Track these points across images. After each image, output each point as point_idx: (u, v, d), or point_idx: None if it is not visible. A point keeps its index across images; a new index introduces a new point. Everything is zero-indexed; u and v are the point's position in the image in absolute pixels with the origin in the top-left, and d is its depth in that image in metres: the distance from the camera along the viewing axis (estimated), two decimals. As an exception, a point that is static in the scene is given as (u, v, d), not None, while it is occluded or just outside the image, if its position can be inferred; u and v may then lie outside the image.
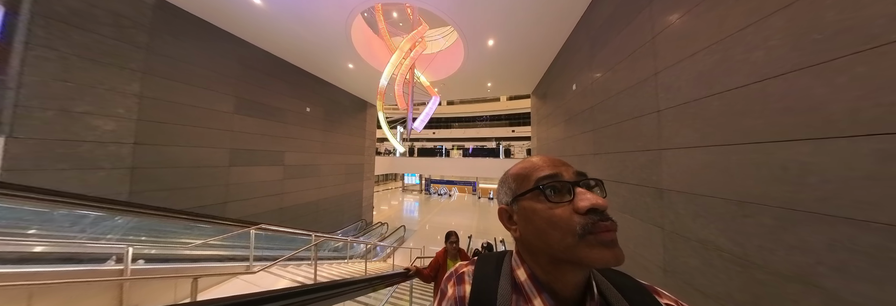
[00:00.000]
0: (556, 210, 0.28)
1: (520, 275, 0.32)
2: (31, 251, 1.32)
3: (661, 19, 1.50)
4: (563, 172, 0.30)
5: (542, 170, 0.31)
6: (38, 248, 1.33)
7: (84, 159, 2.20)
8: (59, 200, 1.36)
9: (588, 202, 0.27)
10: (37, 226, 1.45)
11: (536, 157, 0.34)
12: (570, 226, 0.27)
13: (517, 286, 0.32)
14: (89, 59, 2.22)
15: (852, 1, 0.69)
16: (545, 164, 0.32)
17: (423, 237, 7.99)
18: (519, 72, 4.71)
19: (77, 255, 1.42)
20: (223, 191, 3.38)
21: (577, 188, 0.29)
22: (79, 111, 2.17)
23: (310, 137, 5.03)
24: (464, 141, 17.97)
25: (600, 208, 0.27)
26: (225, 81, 3.40)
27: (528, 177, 0.32)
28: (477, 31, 3.31)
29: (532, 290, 0.30)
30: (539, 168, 0.32)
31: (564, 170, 0.31)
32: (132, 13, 2.48)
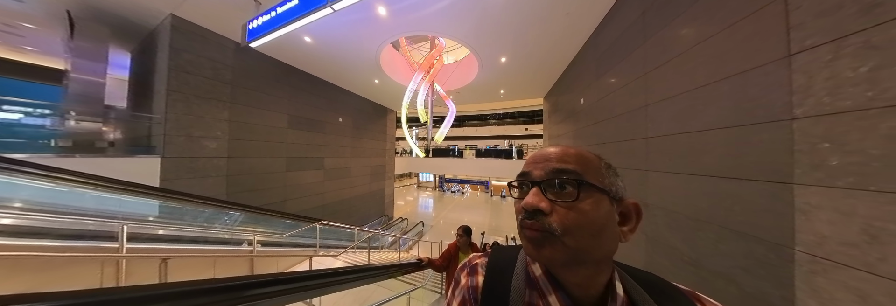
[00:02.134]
0: (517, 205, 0.29)
1: (535, 270, 0.31)
2: (191, 235, 2.06)
3: (652, 59, 1.77)
4: (534, 170, 0.29)
5: (525, 165, 0.31)
6: (196, 233, 2.07)
7: (199, 170, 3.03)
8: (190, 199, 2.06)
9: (522, 202, 0.27)
10: (191, 218, 2.21)
11: (544, 149, 0.33)
12: (518, 220, 0.28)
13: (532, 280, 0.31)
14: (199, 96, 3.00)
15: (770, 84, 0.99)
16: (531, 160, 0.31)
17: (439, 232, 8.65)
18: (531, 81, 4.93)
19: (226, 240, 2.17)
20: (282, 192, 4.22)
21: (533, 188, 0.28)
22: (196, 135, 2.98)
23: (342, 144, 5.78)
24: (476, 139, 17.99)
25: (527, 208, 0.27)
26: (281, 102, 4.15)
27: (523, 168, 0.31)
28: (490, 52, 3.65)
29: (547, 286, 0.29)
30: (527, 163, 0.31)
31: (542, 166, 0.29)
32: (221, 57, 3.22)
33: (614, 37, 2.35)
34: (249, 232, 2.27)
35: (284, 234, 2.61)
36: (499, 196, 15.24)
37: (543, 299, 0.29)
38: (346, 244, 3.50)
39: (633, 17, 2.05)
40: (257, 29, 2.35)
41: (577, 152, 0.30)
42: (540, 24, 2.79)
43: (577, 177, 0.27)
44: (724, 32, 1.21)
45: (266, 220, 2.81)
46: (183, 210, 2.14)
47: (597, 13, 2.54)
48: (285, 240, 2.66)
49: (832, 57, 0.80)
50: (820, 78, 0.83)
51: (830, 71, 0.80)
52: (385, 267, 1.39)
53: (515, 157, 9.28)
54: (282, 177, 4.20)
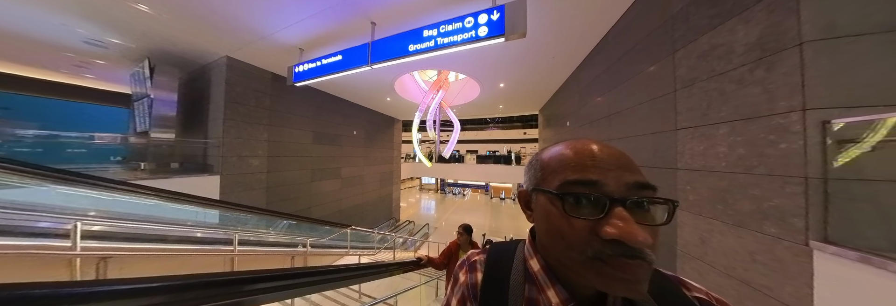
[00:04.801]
0: (571, 220, 0.22)
1: (533, 265, 0.29)
2: (258, 239, 2.62)
3: (614, 105, 2.35)
4: (605, 180, 0.22)
5: (575, 168, 0.24)
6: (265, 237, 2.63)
7: (247, 184, 3.59)
8: (245, 209, 2.62)
9: (616, 232, 0.20)
10: (251, 226, 2.76)
11: (583, 144, 0.26)
12: (580, 245, 0.22)
13: (530, 276, 0.29)
14: (246, 122, 3.56)
15: (669, 144, 1.58)
16: (584, 161, 0.24)
17: (443, 234, 9.20)
18: (526, 99, 5.53)
19: (280, 242, 2.73)
20: (308, 200, 4.78)
21: (617, 208, 0.21)
22: (244, 155, 3.54)
23: (356, 154, 6.35)
24: (476, 143, 18.43)
25: (631, 243, 0.20)
26: (306, 121, 4.71)
27: (555, 173, 0.25)
28: (491, 80, 4.23)
29: (546, 281, 0.27)
30: (573, 165, 0.24)
31: (613, 175, 0.22)
32: (262, 87, 3.78)
33: (590, 78, 2.94)
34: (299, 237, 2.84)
35: (326, 238, 3.18)
36: (498, 198, 15.78)
37: (542, 294, 0.27)
38: (363, 244, 4.07)
39: (600, 69, 2.64)
40: (303, 73, 2.92)
41: (625, 153, 0.25)
42: (530, 64, 3.39)
43: (669, 199, 0.22)
44: (646, 104, 1.80)
45: (309, 225, 3.38)
46: (240, 217, 2.70)
47: (577, 58, 3.13)
48: (328, 243, 3.23)
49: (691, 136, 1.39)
50: (687, 146, 1.42)
51: (691, 144, 1.39)
52: (386, 265, 1.52)
53: (514, 163, 9.86)
54: (308, 186, 4.76)
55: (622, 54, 2.21)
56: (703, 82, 1.35)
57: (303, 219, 3.14)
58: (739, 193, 1.13)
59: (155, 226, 1.78)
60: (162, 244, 1.74)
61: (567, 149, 0.27)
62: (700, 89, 1.37)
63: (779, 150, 0.99)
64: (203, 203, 2.03)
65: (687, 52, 1.48)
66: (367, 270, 1.36)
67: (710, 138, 1.30)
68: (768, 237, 1.01)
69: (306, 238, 2.72)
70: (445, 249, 1.68)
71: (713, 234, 1.26)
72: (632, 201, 0.22)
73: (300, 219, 3.12)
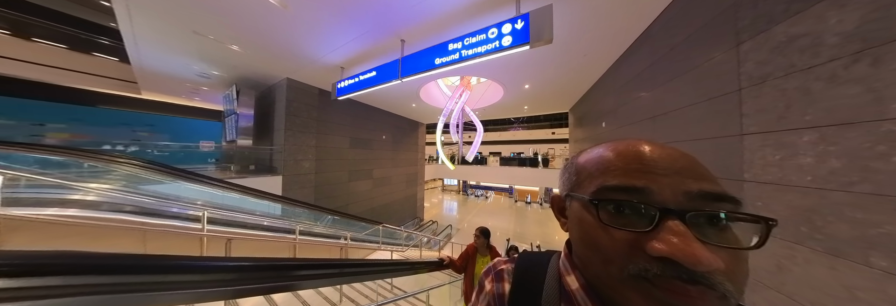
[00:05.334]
0: (609, 231, 0.19)
1: (570, 282, 0.25)
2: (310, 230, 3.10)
3: (658, 106, 2.09)
4: (656, 187, 0.18)
5: (616, 173, 0.20)
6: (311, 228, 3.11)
7: (301, 183, 4.27)
8: (300, 204, 3.09)
9: (666, 248, 0.16)
10: (303, 218, 3.29)
11: (629, 145, 0.22)
12: (619, 259, 0.18)
13: (567, 294, 0.24)
14: (300, 131, 4.25)
15: (730, 151, 1.36)
16: (629, 164, 0.20)
17: (464, 235, 9.22)
18: (554, 99, 5.21)
19: (326, 234, 3.19)
20: (346, 197, 5.40)
21: (671, 221, 0.17)
22: (298, 159, 4.23)
23: (385, 156, 6.89)
24: (499, 144, 17.85)
25: (689, 265, 0.15)
26: (344, 128, 5.35)
27: (591, 177, 0.22)
28: (515, 82, 4.15)
29: (586, 302, 0.23)
30: (613, 168, 0.21)
31: (667, 182, 0.19)
32: (311, 100, 4.46)
33: (630, 75, 2.66)
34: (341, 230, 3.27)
35: (362, 233, 3.59)
36: (523, 202, 15.00)
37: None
38: (392, 241, 4.40)
39: (642, 65, 2.37)
40: (344, 89, 3.37)
41: (692, 157, 0.20)
42: (558, 64, 3.22)
43: (760, 216, 0.17)
44: (702, 104, 1.57)
45: (346, 221, 3.85)
46: (296, 211, 3.24)
47: (613, 54, 2.87)
48: (364, 237, 3.64)
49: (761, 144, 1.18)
50: (757, 154, 1.21)
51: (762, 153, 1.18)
52: (414, 262, 1.57)
53: (541, 166, 9.28)
54: (346, 186, 5.39)
55: (670, 48, 1.96)
56: (779, 79, 1.14)
57: (343, 215, 3.59)
58: (833, 215, 0.93)
59: (245, 215, 2.30)
60: (249, 230, 2.24)
61: (608, 151, 0.23)
62: (774, 88, 1.16)
63: (891, 165, 0.80)
64: (274, 198, 2.54)
65: (756, 45, 1.26)
66: (399, 266, 1.45)
67: (789, 146, 1.09)
68: (877, 271, 0.82)
69: (347, 232, 3.12)
70: (463, 252, 1.65)
71: (795, 261, 1.05)
72: (695, 214, 0.18)
73: (341, 214, 3.58)
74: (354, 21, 2.35)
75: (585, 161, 0.25)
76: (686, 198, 0.19)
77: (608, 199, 0.20)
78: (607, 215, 0.20)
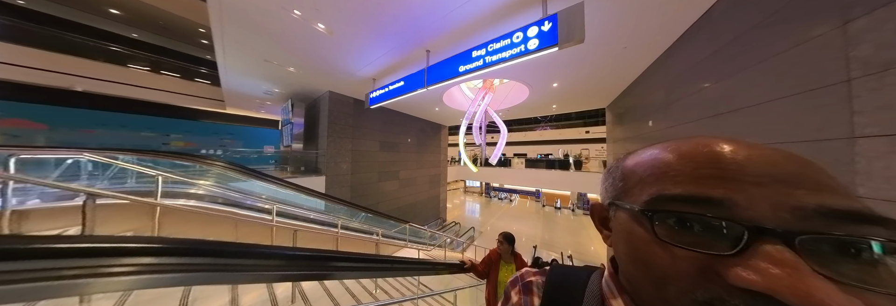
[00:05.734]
0: (669, 249, 0.15)
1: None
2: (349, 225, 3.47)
3: (724, 102, 1.77)
4: (743, 199, 0.14)
5: (680, 179, 0.16)
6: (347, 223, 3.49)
7: (339, 183, 4.82)
8: (342, 202, 3.45)
9: (760, 281, 0.12)
10: (341, 214, 3.70)
11: (700, 144, 0.17)
12: (682, 283, 0.14)
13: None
14: (339, 137, 4.81)
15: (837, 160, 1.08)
16: (699, 168, 0.16)
17: (487, 239, 8.99)
18: (588, 96, 4.77)
19: (361, 229, 3.53)
20: (376, 197, 5.87)
21: (769, 245, 0.13)
22: (338, 161, 4.81)
23: (410, 159, 7.26)
24: (524, 145, 16.91)
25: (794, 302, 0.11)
26: (374, 133, 5.84)
27: (643, 183, 0.18)
28: (542, 82, 3.95)
29: None
30: (674, 173, 0.16)
31: (763, 193, 0.14)
32: (348, 109, 5.01)
33: (685, 66, 2.29)
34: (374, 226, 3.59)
35: (391, 230, 3.87)
36: (552, 207, 13.85)
37: None
38: (417, 239, 4.59)
39: (702, 53, 2.03)
40: (375, 98, 3.70)
41: (818, 164, 0.15)
42: (593, 59, 2.96)
43: None
44: (792, 99, 1.27)
45: (375, 217, 4.20)
46: (335, 207, 3.66)
47: (661, 44, 2.52)
48: (393, 234, 3.92)
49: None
50: (879, 163, 0.93)
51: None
52: (437, 263, 1.53)
53: (573, 169, 8.49)
54: (375, 186, 5.86)
55: (743, 32, 1.65)
56: (910, 67, 0.87)
57: (375, 213, 3.92)
58: None
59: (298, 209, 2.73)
60: (299, 221, 2.65)
61: (666, 152, 0.18)
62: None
63: None
64: (320, 196, 2.95)
65: (873, 23, 0.98)
66: (421, 265, 1.44)
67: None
68: None
69: (378, 228, 3.40)
70: (486, 257, 1.59)
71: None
72: (813, 238, 0.12)
73: (374, 212, 3.91)
74: (386, 38, 2.60)
75: (636, 164, 0.20)
76: (795, 215, 0.13)
77: (667, 211, 0.16)
78: (667, 230, 0.16)
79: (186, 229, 1.78)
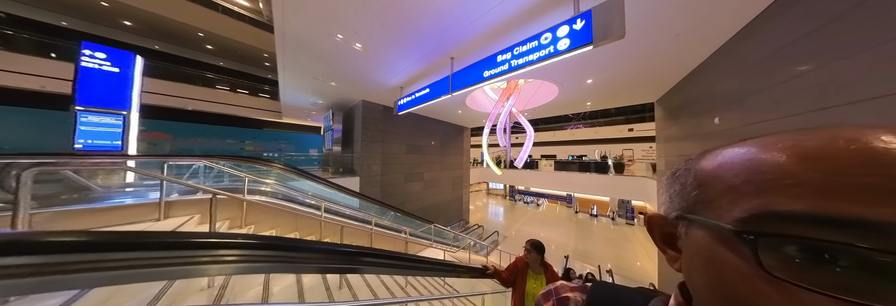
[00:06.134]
0: (788, 290, 0.11)
1: None
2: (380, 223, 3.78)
3: (831, 94, 1.40)
4: None
5: (804, 190, 0.11)
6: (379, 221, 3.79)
7: (371, 183, 5.28)
8: (376, 202, 3.75)
9: None
10: (372, 212, 4.03)
11: (832, 137, 0.12)
12: None
13: None
14: (371, 141, 5.28)
15: None
16: (836, 173, 0.11)
17: (512, 244, 8.59)
18: (629, 90, 4.25)
19: (391, 227, 3.81)
20: (403, 197, 6.21)
21: None
22: (370, 163, 5.27)
23: (434, 161, 7.49)
24: (551, 145, 15.66)
25: None
26: (401, 137, 6.22)
27: (737, 193, 0.14)
28: (573, 80, 3.69)
29: None
30: (790, 181, 0.12)
31: None
32: (378, 115, 5.47)
33: (766, 52, 1.90)
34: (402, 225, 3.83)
35: (418, 230, 4.08)
36: (587, 213, 12.45)
37: None
38: (440, 240, 4.69)
39: (791, 36, 1.66)
40: (403, 105, 3.97)
41: None
42: (638, 49, 2.65)
43: None
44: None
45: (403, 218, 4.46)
46: (366, 205, 4.02)
47: (727, 28, 2.13)
48: (419, 234, 4.12)
49: None
50: None
51: None
52: (453, 265, 1.46)
53: (612, 172, 7.55)
54: (402, 186, 6.22)
55: (851, 6, 1.30)
56: None
57: (403, 212, 4.17)
58: None
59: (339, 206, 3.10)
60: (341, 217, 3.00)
61: (773, 150, 0.13)
62: None
63: None
64: (356, 195, 3.30)
65: None
66: (443, 267, 1.40)
67: None
68: None
69: (406, 227, 3.61)
70: (511, 265, 1.50)
71: None
72: None
73: (402, 212, 4.17)
74: (414, 50, 2.79)
75: (719, 166, 0.15)
76: None
77: (788, 236, 0.11)
78: (782, 262, 0.11)
79: (262, 219, 2.21)
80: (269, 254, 0.56)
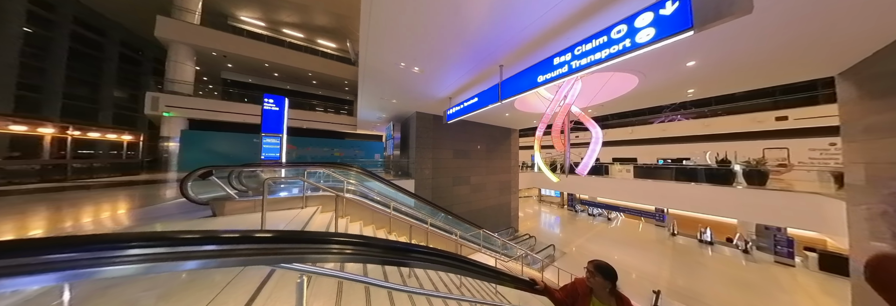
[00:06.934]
0: None
1: None
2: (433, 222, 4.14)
3: None
4: None
5: None
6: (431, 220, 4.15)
7: (423, 186, 5.86)
8: (429, 203, 4.10)
9: None
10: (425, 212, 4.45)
11: None
12: None
13: None
14: (423, 147, 5.90)
15: None
16: None
17: (572, 262, 7.25)
18: (762, 68, 2.90)
19: (443, 227, 4.12)
20: (451, 199, 6.54)
21: None
22: (422, 168, 5.87)
23: (480, 165, 7.50)
24: (629, 145, 12.31)
25: None
26: (449, 142, 6.60)
27: None
28: (664, 66, 2.91)
29: None
30: None
31: None
32: (429, 124, 6.05)
33: None
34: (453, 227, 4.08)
35: (468, 234, 4.23)
36: (695, 238, 8.87)
37: None
38: (488, 246, 4.61)
39: None
40: (452, 114, 4.24)
41: None
42: (784, 12, 1.83)
43: None
44: None
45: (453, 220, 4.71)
46: (418, 204, 4.46)
47: None
48: (469, 237, 4.27)
49: None
50: None
51: None
52: (496, 271, 1.39)
53: (742, 183, 5.04)
54: (450, 189, 6.56)
55: None
56: None
57: (452, 215, 4.43)
58: None
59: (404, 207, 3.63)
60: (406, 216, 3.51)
61: None
62: None
63: None
64: (413, 196, 3.78)
65: None
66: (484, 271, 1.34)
67: None
68: None
69: (456, 229, 3.82)
70: (569, 286, 1.31)
71: None
72: None
73: (452, 214, 4.44)
74: (463, 64, 2.98)
75: None
76: None
77: None
78: None
79: (353, 212, 2.91)
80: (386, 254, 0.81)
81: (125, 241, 0.36)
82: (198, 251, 0.42)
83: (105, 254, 0.34)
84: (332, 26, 10.15)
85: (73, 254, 0.32)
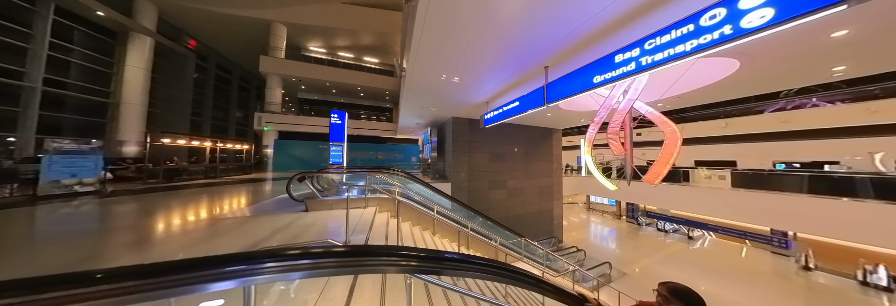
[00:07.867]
0: None
1: None
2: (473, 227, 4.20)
3: None
4: None
5: None
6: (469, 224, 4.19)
7: (460, 189, 5.99)
8: (467, 207, 4.14)
9: None
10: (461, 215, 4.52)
11: None
12: None
13: None
14: (459, 151, 6.04)
15: None
16: None
17: (633, 285, 5.91)
18: None
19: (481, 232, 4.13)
20: (487, 203, 6.46)
21: None
22: (458, 171, 6.00)
23: (517, 168, 7.15)
24: (720, 142, 9.34)
25: None
26: (484, 146, 6.55)
27: None
28: (792, 41, 2.19)
29: None
30: None
31: None
32: (465, 129, 6.16)
33: None
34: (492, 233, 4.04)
35: (508, 241, 4.13)
36: (859, 280, 6.08)
37: None
38: (529, 255, 4.32)
39: None
40: (490, 119, 4.22)
41: None
42: None
43: None
44: None
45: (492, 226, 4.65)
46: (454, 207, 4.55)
47: None
48: (509, 245, 4.17)
49: None
50: None
51: None
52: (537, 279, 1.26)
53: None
54: (486, 193, 6.49)
55: None
56: None
57: (489, 219, 4.38)
58: None
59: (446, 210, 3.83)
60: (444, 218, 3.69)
61: None
62: None
63: None
64: (451, 199, 3.92)
65: None
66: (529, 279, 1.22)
67: None
68: None
69: (495, 235, 3.77)
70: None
71: None
72: None
73: (490, 219, 4.40)
74: (504, 69, 2.96)
75: None
76: None
77: None
78: None
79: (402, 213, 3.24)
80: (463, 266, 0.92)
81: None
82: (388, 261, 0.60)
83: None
84: (375, 44, 11.55)
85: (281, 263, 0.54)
